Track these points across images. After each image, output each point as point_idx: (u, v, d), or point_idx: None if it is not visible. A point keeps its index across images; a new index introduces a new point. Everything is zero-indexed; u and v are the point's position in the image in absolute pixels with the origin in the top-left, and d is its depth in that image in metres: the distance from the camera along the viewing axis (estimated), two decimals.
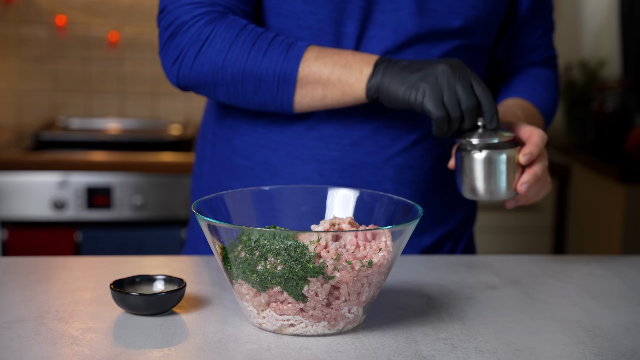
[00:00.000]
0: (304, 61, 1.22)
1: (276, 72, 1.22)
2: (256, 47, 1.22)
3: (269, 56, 1.22)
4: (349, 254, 0.94)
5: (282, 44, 1.23)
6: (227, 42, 1.23)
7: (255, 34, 1.24)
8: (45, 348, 0.92)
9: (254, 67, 1.22)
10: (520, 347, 0.96)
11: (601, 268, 1.29)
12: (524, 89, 1.42)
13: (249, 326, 1.00)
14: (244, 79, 1.24)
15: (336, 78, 1.21)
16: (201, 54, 1.24)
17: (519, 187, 1.19)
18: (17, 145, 2.83)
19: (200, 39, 1.24)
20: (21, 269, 1.20)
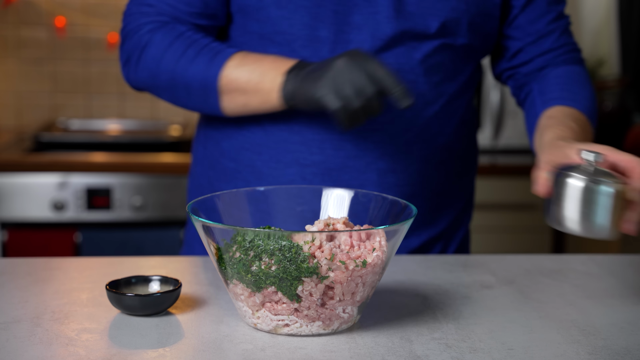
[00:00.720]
0: (225, 69, 1.25)
1: (201, 80, 1.27)
2: (186, 55, 1.27)
3: (196, 64, 1.27)
4: (343, 254, 0.94)
5: (211, 51, 1.27)
6: (161, 50, 1.28)
7: (190, 41, 1.28)
8: (41, 349, 0.92)
9: (182, 74, 1.28)
10: (515, 347, 0.96)
11: (597, 267, 1.29)
12: (563, 93, 1.33)
13: (244, 326, 1.00)
14: (176, 86, 1.29)
15: (253, 86, 1.25)
16: (141, 61, 1.31)
17: (626, 227, 1.02)
18: (17, 146, 2.84)
19: (140, 46, 1.30)
20: (19, 270, 1.21)
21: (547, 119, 1.27)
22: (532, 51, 1.40)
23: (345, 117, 1.16)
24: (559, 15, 1.40)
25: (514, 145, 2.99)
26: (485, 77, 2.91)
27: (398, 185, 1.33)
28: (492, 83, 2.91)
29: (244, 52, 1.28)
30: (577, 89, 1.35)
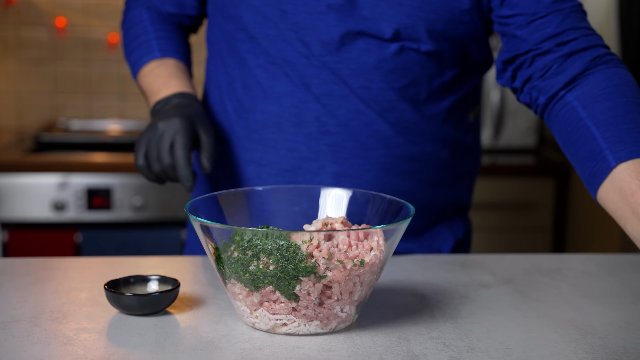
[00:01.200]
0: (141, 71, 1.41)
1: (132, 69, 1.44)
2: (133, 44, 1.43)
3: (133, 55, 1.43)
4: (341, 253, 0.95)
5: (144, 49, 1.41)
6: (125, 28, 1.47)
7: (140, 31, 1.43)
8: (39, 348, 0.92)
9: (127, 57, 1.45)
10: (512, 346, 0.96)
11: (595, 266, 1.29)
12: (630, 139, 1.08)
13: (242, 326, 1.00)
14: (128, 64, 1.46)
15: (146, 97, 1.40)
16: (122, 28, 1.49)
17: None
18: (18, 147, 2.84)
19: (123, 17, 1.49)
20: (18, 270, 1.21)
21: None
22: (533, 41, 1.22)
23: (148, 174, 1.27)
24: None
25: (514, 145, 2.99)
26: (485, 78, 2.91)
27: None
28: (492, 83, 2.91)
29: (162, 61, 1.40)
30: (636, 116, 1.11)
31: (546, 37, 1.21)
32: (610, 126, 1.10)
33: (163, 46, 1.40)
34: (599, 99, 1.14)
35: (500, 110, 2.93)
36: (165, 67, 1.38)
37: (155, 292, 1.03)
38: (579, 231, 2.91)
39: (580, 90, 1.17)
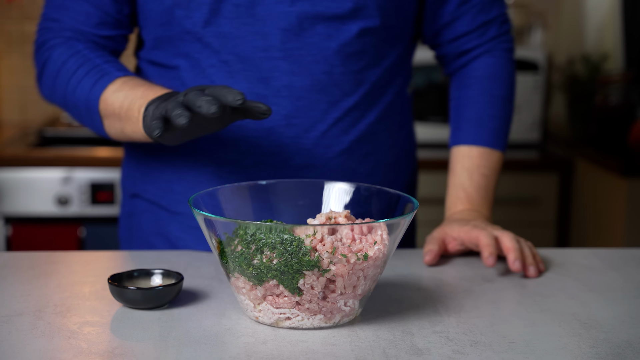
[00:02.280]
0: (104, 93, 1.24)
1: (85, 101, 1.26)
2: (76, 75, 1.27)
3: (82, 85, 1.26)
4: (345, 247, 0.94)
5: (98, 73, 1.26)
6: (57, 67, 1.29)
7: (82, 60, 1.27)
8: (43, 342, 0.93)
9: (71, 94, 1.27)
10: (516, 340, 0.96)
11: (599, 260, 1.29)
12: (468, 126, 1.39)
13: (245, 320, 1.00)
14: (67, 105, 1.30)
15: (124, 113, 1.21)
16: (43, 76, 1.32)
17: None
18: (21, 141, 2.85)
19: (41, 62, 1.32)
20: (21, 264, 1.21)
21: (461, 169, 1.39)
22: (445, 35, 1.42)
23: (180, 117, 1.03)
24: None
25: (518, 140, 2.98)
26: None
27: None
28: None
29: (129, 77, 1.25)
30: (484, 108, 1.39)
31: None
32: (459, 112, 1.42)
33: (118, 67, 1.28)
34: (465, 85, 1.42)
35: None
36: (136, 80, 1.24)
37: (159, 286, 1.03)
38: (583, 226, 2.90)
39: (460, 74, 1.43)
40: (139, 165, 1.40)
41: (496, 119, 1.40)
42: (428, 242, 1.28)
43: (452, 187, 1.39)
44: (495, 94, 1.40)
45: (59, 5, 1.32)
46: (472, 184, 1.37)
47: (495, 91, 1.40)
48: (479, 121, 1.39)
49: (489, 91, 1.40)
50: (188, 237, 1.35)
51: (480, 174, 1.37)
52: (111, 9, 1.31)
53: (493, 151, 1.40)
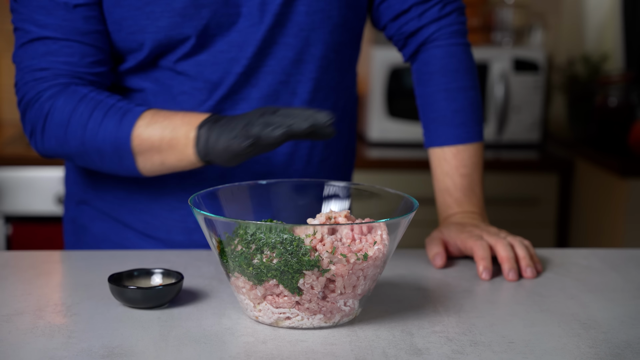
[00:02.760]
0: (135, 129, 1.21)
1: (112, 143, 1.22)
2: (93, 118, 1.22)
3: (104, 127, 1.22)
4: (345, 247, 0.95)
5: (118, 112, 1.22)
6: (66, 115, 1.23)
7: (94, 103, 1.23)
8: (43, 341, 0.93)
9: (92, 139, 1.22)
10: (515, 340, 0.96)
11: (598, 261, 1.29)
12: (435, 127, 1.37)
13: (245, 319, 1.00)
14: (87, 151, 1.24)
15: (166, 144, 1.20)
16: (46, 129, 1.25)
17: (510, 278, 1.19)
18: (22, 140, 2.85)
19: (42, 114, 1.24)
20: (22, 263, 1.21)
21: (441, 174, 1.36)
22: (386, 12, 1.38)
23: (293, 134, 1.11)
24: None
25: (517, 140, 2.99)
26: (490, 72, 2.91)
27: None
28: (496, 78, 2.91)
29: (154, 109, 1.23)
30: (458, 106, 1.36)
31: None
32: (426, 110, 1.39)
33: (134, 103, 1.26)
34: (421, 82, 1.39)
35: (504, 106, 2.93)
36: (163, 111, 1.23)
37: (158, 286, 1.03)
38: (583, 226, 2.91)
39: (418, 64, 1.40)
40: (91, 172, 1.38)
41: (460, 113, 1.36)
42: (432, 245, 1.27)
43: (438, 193, 1.37)
44: (451, 87, 1.36)
45: (44, 53, 1.24)
46: (456, 186, 1.35)
47: (450, 84, 1.36)
48: (444, 120, 1.36)
49: (445, 85, 1.36)
50: (146, 245, 1.36)
51: (460, 175, 1.35)
52: (103, 43, 1.27)
53: (467, 145, 1.36)
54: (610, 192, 2.72)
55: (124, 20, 1.25)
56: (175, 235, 1.35)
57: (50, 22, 1.22)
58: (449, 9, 1.37)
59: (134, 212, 1.35)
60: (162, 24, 1.24)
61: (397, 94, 2.88)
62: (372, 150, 2.86)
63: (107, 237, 1.38)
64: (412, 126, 2.86)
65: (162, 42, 1.25)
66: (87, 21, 1.24)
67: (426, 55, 1.38)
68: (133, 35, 1.25)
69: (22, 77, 1.26)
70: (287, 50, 1.29)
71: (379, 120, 2.89)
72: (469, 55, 1.39)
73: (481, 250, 1.21)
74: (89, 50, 1.25)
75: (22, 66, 1.25)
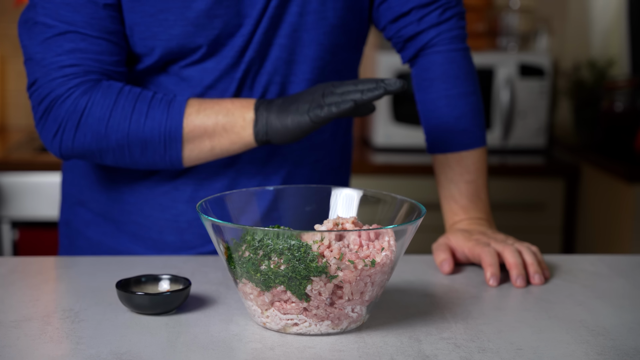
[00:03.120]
0: (186, 116, 1.23)
1: (161, 132, 1.23)
2: (137, 110, 1.23)
3: (151, 117, 1.23)
4: (352, 253, 0.95)
5: (162, 102, 1.24)
6: (106, 109, 1.23)
7: (134, 96, 1.24)
8: (51, 347, 0.93)
9: (138, 130, 1.23)
10: (523, 347, 0.96)
11: (606, 267, 1.29)
12: (437, 134, 1.37)
13: (253, 325, 1.00)
14: (130, 144, 1.24)
15: (221, 128, 1.23)
16: (82, 125, 1.23)
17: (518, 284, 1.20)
18: (29, 146, 2.85)
19: (78, 110, 1.23)
20: (29, 269, 1.21)
21: (445, 180, 1.36)
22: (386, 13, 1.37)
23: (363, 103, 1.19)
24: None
25: (523, 146, 2.98)
26: (495, 77, 2.91)
27: None
28: (502, 83, 2.91)
29: (196, 98, 1.26)
30: (463, 113, 1.35)
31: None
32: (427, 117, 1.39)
33: (169, 94, 1.29)
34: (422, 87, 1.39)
35: (509, 111, 2.93)
36: (208, 98, 1.27)
37: (166, 292, 1.03)
38: (589, 232, 2.90)
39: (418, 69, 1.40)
40: (87, 173, 1.39)
41: (462, 119, 1.35)
42: (439, 251, 1.27)
43: (443, 199, 1.37)
44: (452, 94, 1.35)
45: (72, 49, 1.22)
46: (461, 193, 1.34)
47: (451, 91, 1.35)
48: (446, 127, 1.36)
49: (445, 92, 1.36)
50: (138, 248, 1.36)
51: (465, 182, 1.35)
52: (125, 43, 1.27)
53: (471, 152, 1.36)
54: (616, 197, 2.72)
55: (137, 25, 1.25)
56: (167, 235, 1.35)
57: (78, 19, 1.23)
58: (449, 14, 1.36)
59: (125, 214, 1.36)
60: (174, 32, 1.25)
61: (402, 99, 2.88)
62: (377, 156, 2.86)
63: (100, 241, 1.39)
64: (418, 131, 2.86)
65: (173, 49, 1.26)
66: (113, 20, 1.25)
67: (426, 60, 1.37)
68: (144, 41, 1.26)
69: (46, 74, 1.23)
70: (281, 51, 1.30)
71: (384, 125, 2.89)
72: (469, 60, 1.38)
73: (489, 257, 1.21)
74: (115, 49, 1.26)
75: (46, 62, 1.23)
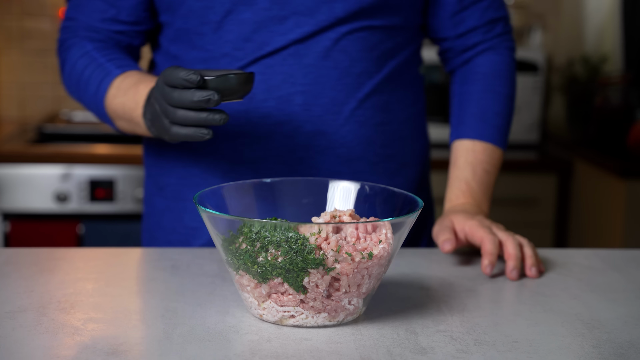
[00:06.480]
0: (106, 98, 1.30)
1: (94, 105, 1.33)
2: (83, 76, 1.32)
3: (89, 88, 1.32)
4: (350, 245, 0.95)
5: (100, 74, 1.30)
6: (69, 68, 1.35)
7: (88, 61, 1.32)
8: (47, 338, 0.92)
9: (83, 95, 1.34)
10: (519, 339, 0.96)
11: (600, 261, 1.29)
12: (472, 121, 1.39)
13: (249, 317, 1.00)
14: (85, 105, 1.36)
15: (128, 118, 1.28)
16: (64, 76, 1.38)
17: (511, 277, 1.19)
18: (20, 137, 2.84)
19: (60, 61, 1.38)
20: (23, 260, 1.21)
21: (464, 163, 1.37)
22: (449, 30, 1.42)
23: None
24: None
25: (517, 141, 2.99)
26: None
27: None
28: None
29: (124, 75, 1.29)
30: (489, 104, 1.39)
31: None
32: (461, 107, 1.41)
33: (118, 64, 1.31)
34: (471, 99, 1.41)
35: None
36: (129, 78, 1.28)
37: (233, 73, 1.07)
38: (581, 227, 2.91)
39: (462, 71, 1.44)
40: (157, 160, 1.41)
41: (499, 117, 1.40)
42: (441, 231, 1.26)
43: (454, 179, 1.37)
44: (499, 91, 1.40)
45: (76, 4, 1.35)
46: (475, 178, 1.36)
47: (499, 88, 1.40)
48: (483, 117, 1.39)
49: (494, 88, 1.40)
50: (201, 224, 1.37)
51: (483, 169, 1.37)
52: (126, 3, 1.33)
53: (495, 148, 1.40)
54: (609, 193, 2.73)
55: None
56: None
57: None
58: (510, 27, 1.45)
59: (194, 187, 1.36)
60: None
61: None
62: None
63: (173, 228, 1.39)
64: None
65: None
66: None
67: (480, 58, 1.42)
68: None
69: (62, 20, 1.40)
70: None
71: None
72: (516, 71, 1.45)
73: (490, 245, 1.20)
74: (108, 8, 1.33)
75: (65, 10, 1.38)
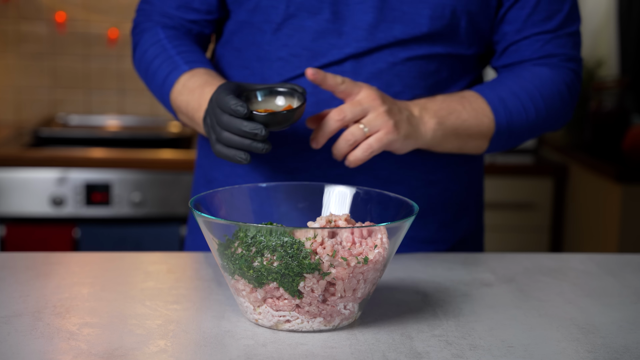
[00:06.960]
0: (172, 92, 1.32)
1: (160, 95, 1.36)
2: (152, 65, 1.35)
3: (157, 78, 1.34)
4: (345, 250, 0.95)
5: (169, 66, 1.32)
6: (141, 54, 1.38)
7: (159, 50, 1.35)
8: (42, 343, 0.92)
9: (150, 83, 1.37)
10: (514, 344, 0.97)
11: (595, 266, 1.29)
12: (500, 100, 1.33)
13: (245, 322, 1.00)
14: (149, 89, 1.39)
15: (191, 117, 1.30)
16: (135, 57, 1.41)
17: None
18: (16, 141, 2.84)
19: (134, 43, 1.41)
20: (19, 265, 1.21)
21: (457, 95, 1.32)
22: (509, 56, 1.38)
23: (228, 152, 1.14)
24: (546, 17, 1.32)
25: None
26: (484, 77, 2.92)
27: None
28: None
29: (192, 73, 1.30)
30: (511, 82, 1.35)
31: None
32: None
33: (187, 58, 1.32)
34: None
35: None
36: (196, 77, 1.29)
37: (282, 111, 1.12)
38: (577, 231, 2.91)
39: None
40: (209, 152, 1.42)
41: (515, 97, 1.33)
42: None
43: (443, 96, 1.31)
44: (535, 94, 1.33)
45: None
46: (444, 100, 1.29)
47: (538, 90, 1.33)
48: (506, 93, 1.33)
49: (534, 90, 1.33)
50: None
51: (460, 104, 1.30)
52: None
53: (489, 116, 1.31)
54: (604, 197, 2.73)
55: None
56: None
57: None
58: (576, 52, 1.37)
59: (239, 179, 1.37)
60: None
61: None
62: None
63: None
64: None
65: None
66: None
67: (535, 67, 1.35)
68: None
69: (138, 4, 1.42)
70: None
71: None
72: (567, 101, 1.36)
73: (326, 126, 1.19)
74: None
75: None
